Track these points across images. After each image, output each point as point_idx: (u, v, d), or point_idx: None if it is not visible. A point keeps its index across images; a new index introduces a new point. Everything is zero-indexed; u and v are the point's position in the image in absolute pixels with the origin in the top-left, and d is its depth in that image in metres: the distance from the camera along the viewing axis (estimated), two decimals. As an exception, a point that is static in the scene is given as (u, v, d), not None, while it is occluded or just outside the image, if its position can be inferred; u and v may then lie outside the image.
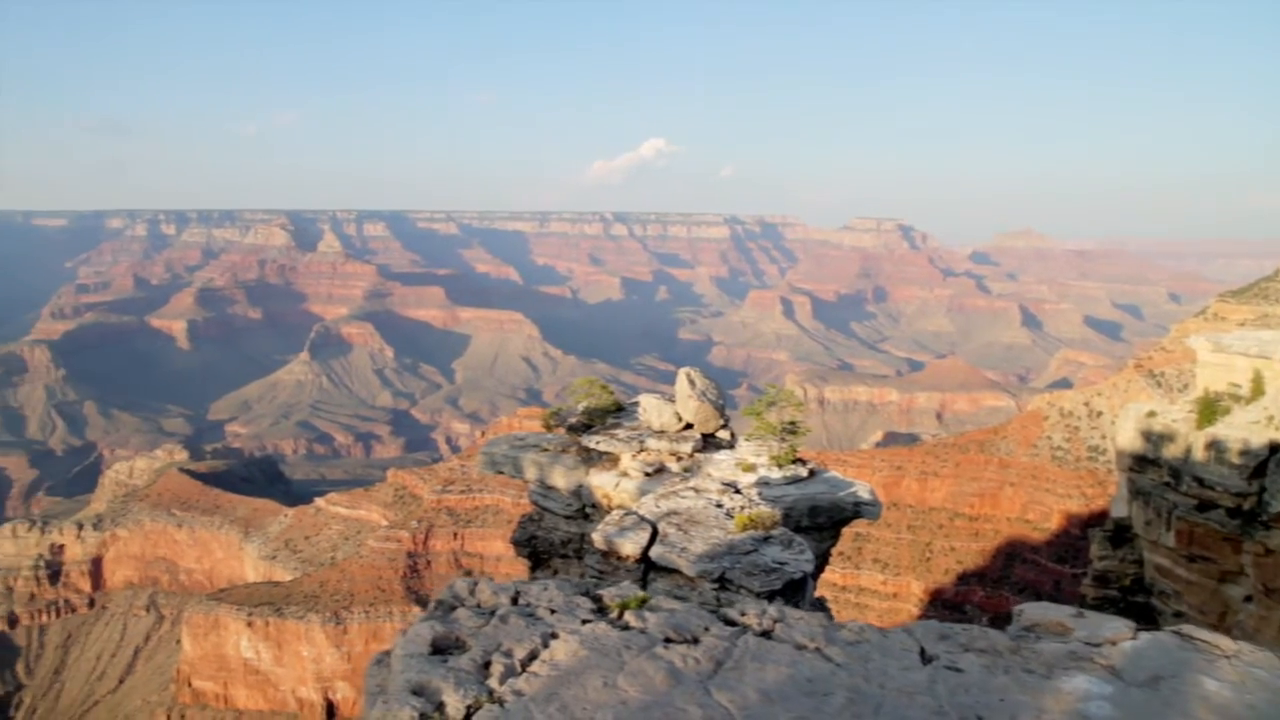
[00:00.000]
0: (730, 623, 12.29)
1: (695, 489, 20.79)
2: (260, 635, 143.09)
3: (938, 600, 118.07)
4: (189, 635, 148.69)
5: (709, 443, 25.37)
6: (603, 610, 12.70)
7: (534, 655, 11.13)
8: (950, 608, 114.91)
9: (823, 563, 21.68)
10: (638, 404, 27.53)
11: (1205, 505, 30.60)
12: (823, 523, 21.55)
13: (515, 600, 13.01)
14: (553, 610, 12.55)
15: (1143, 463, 33.90)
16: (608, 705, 9.93)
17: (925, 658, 11.20)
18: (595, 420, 26.71)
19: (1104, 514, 63.16)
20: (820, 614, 13.30)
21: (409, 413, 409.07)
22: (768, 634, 11.86)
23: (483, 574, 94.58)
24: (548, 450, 26.15)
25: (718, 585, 15.55)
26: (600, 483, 23.64)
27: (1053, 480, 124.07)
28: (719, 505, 19.23)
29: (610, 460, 24.73)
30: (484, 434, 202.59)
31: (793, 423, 24.84)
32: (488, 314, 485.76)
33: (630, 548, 16.95)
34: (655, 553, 16.67)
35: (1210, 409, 31.48)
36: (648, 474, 23.10)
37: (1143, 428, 33.80)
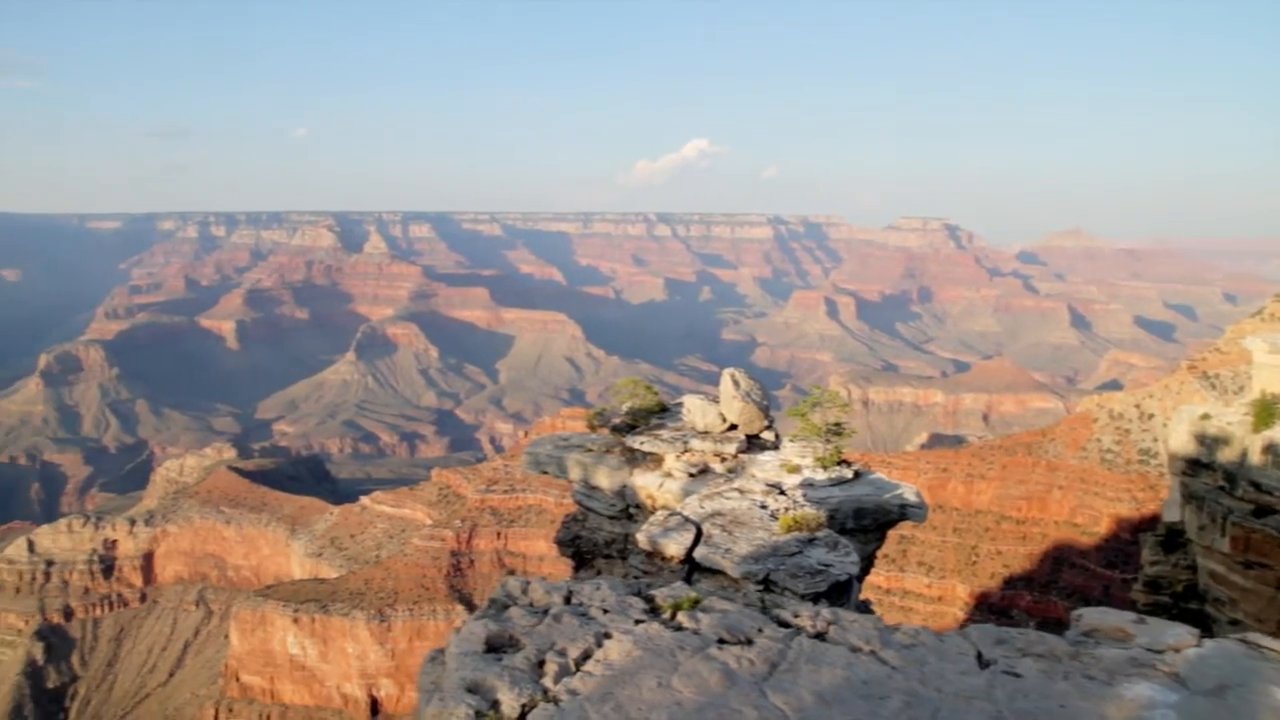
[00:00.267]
0: (783, 624, 12.23)
1: (739, 490, 20.66)
2: (306, 631, 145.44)
3: (983, 604, 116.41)
4: (237, 631, 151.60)
5: (753, 444, 25.18)
6: (655, 611, 12.71)
7: (588, 655, 11.16)
8: (996, 612, 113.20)
9: (868, 565, 21.46)
10: (682, 405, 27.37)
11: (1262, 510, 29.77)
12: (868, 525, 21.31)
13: (568, 600, 13.06)
14: (605, 610, 12.58)
15: (1196, 466, 33.11)
16: (662, 706, 9.93)
17: (982, 662, 11.06)
18: (639, 421, 26.60)
19: (1155, 518, 61.82)
20: (874, 616, 13.18)
21: (453, 413, 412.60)
22: (822, 636, 11.79)
23: (525, 573, 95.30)
24: (592, 450, 26.12)
25: (762, 587, 15.42)
26: (644, 483, 23.58)
27: (1102, 484, 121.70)
28: (763, 506, 19.07)
29: (654, 461, 24.66)
30: (527, 434, 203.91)
31: (837, 424, 24.57)
32: (531, 315, 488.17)
33: (674, 548, 16.87)
34: (699, 554, 16.57)
35: (1267, 411, 30.61)
36: (692, 475, 22.98)
37: (1196, 430, 33.00)
